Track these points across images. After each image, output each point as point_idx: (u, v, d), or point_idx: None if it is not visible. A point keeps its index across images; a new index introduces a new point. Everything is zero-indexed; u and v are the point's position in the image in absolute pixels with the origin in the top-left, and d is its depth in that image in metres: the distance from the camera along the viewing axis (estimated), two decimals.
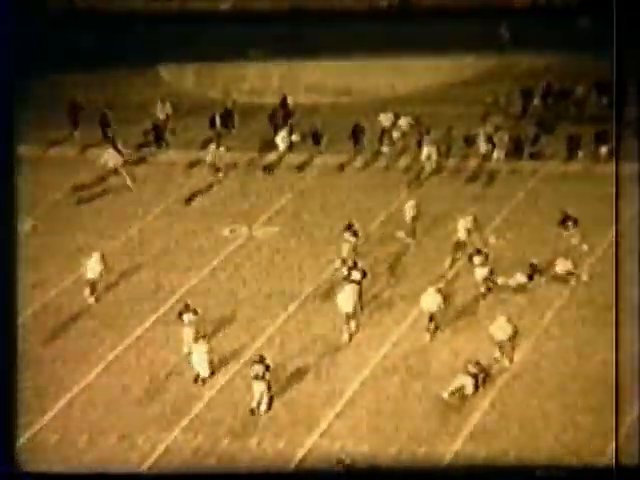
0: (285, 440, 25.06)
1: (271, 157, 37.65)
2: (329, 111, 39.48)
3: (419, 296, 28.58)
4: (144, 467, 24.49)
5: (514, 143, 36.46)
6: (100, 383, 27.07)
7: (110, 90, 40.86)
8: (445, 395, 25.93)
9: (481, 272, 29.76)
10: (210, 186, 36.07)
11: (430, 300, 28.17)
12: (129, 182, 35.88)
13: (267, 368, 25.80)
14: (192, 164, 37.33)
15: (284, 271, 31.35)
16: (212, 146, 36.36)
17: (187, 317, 27.79)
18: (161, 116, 38.88)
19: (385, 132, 37.47)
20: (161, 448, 24.95)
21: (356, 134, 37.19)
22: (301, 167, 37.16)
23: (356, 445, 24.80)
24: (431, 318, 28.17)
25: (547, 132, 37.04)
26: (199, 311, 27.92)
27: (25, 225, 33.08)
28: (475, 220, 31.23)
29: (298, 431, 25.26)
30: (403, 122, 37.36)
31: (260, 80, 41.75)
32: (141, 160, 37.78)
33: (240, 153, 37.56)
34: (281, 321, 29.09)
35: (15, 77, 24.01)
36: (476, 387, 26.10)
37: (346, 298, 28.35)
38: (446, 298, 28.53)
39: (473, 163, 36.56)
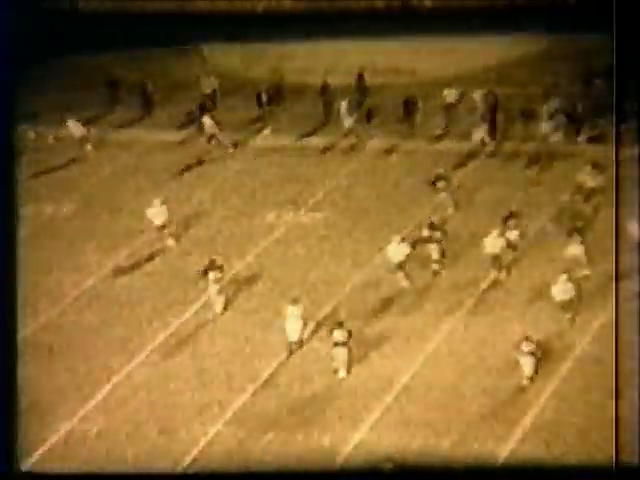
0: (331, 435, 24.29)
1: (319, 139, 36.73)
2: (380, 92, 38.52)
3: (473, 283, 28.29)
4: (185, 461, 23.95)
5: (574, 125, 35.22)
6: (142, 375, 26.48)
7: (151, 69, 40.18)
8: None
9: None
10: (256, 170, 35.34)
11: (494, 243, 28.34)
12: (89, 149, 35.90)
13: (349, 333, 25.66)
14: (235, 145, 36.49)
15: (332, 258, 30.45)
16: (206, 116, 36.00)
17: (212, 274, 27.82)
18: (207, 90, 38.08)
19: (449, 108, 36.51)
20: (203, 441, 24.31)
21: (409, 109, 36.29)
22: (351, 150, 36.23)
23: (406, 441, 23.96)
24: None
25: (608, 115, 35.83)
26: (225, 268, 28.23)
27: (65, 208, 32.76)
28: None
29: (345, 426, 24.49)
30: (477, 96, 36.25)
31: (308, 60, 40.80)
32: (183, 141, 36.96)
33: (286, 135, 36.87)
34: (329, 310, 28.09)
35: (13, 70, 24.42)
36: (536, 370, 25.14)
37: (396, 247, 28.42)
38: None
39: (530, 146, 35.40)
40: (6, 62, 23.72)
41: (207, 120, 36.20)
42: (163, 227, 31.00)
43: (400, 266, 28.61)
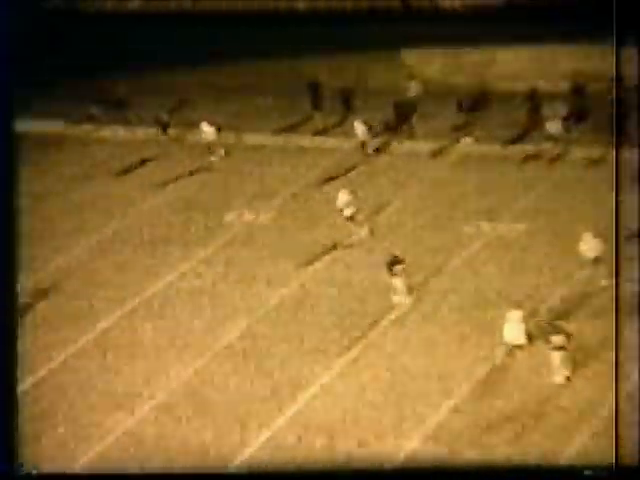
0: (535, 455, 23.26)
1: (523, 147, 35.68)
2: (590, 99, 36.92)
3: None
4: None
5: None
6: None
7: (350, 75, 39.72)
8: None
9: None
10: (455, 178, 34.57)
11: None
12: (222, 154, 36.09)
13: (567, 337, 25.19)
14: (435, 154, 35.88)
15: (531, 272, 29.33)
16: (357, 121, 35.39)
17: (396, 269, 28.12)
18: (412, 94, 37.57)
19: None
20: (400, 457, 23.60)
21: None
22: (556, 158, 34.99)
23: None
24: None
25: None
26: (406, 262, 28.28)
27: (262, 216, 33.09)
28: None
29: (550, 446, 23.44)
30: None
31: (511, 66, 39.71)
32: (380, 149, 36.38)
33: (488, 142, 35.97)
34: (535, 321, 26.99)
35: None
36: None
37: (589, 242, 28.14)
38: None
39: None
40: (6, 62, 23.82)
41: (358, 126, 35.53)
42: (352, 218, 31.06)
43: (596, 262, 28.03)
